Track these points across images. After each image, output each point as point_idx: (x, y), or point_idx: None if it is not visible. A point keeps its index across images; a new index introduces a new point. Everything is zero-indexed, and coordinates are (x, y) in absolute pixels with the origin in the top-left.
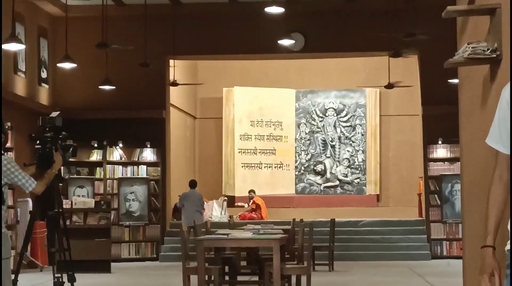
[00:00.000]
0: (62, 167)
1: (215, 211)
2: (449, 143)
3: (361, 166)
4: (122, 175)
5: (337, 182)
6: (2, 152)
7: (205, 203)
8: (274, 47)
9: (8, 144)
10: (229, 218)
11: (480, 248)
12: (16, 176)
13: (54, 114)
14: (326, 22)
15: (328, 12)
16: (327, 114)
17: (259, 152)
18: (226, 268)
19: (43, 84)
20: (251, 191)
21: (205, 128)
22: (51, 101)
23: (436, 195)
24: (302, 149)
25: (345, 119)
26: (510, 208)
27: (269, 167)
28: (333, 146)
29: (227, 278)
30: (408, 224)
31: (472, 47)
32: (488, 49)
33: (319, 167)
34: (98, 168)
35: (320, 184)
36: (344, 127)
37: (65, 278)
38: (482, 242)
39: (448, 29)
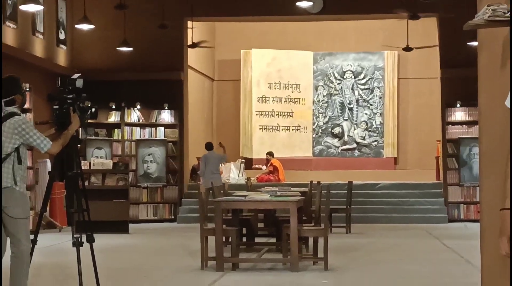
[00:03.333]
0: (80, 129)
1: (232, 173)
2: (468, 106)
3: (379, 129)
4: (140, 137)
5: (355, 145)
6: (19, 112)
7: (223, 165)
8: (292, 9)
9: (27, 105)
10: (246, 180)
11: (499, 211)
12: (31, 137)
13: (76, 75)
14: None
15: None
16: (345, 77)
17: (276, 115)
18: (244, 230)
19: (61, 46)
20: (269, 153)
21: (223, 90)
22: (69, 62)
23: (454, 159)
24: (319, 111)
25: (363, 81)
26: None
27: (287, 129)
28: (350, 109)
29: (244, 239)
30: (425, 187)
31: (492, 9)
32: (508, 11)
33: (337, 130)
34: (116, 130)
35: (338, 147)
36: (362, 89)
37: (84, 238)
38: (500, 205)
39: None
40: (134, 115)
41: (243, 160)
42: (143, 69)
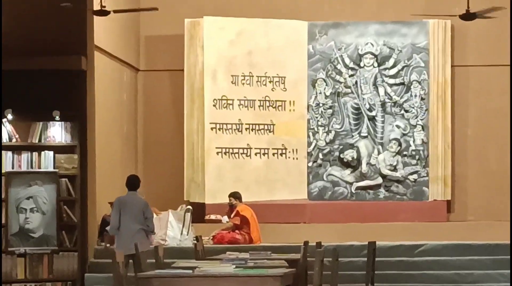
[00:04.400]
0: None
1: (171, 230)
2: None
3: (421, 152)
4: (13, 168)
5: (380, 180)
6: None
7: (154, 216)
8: None
9: None
10: (195, 241)
11: None
12: None
13: None
14: None
15: None
16: (362, 64)
17: (246, 129)
18: None
19: None
20: (233, 195)
21: (154, 88)
22: None
23: None
24: (319, 123)
25: (392, 72)
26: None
27: (264, 154)
28: (372, 119)
29: None
30: (499, 252)
31: None
32: None
33: (349, 155)
34: None
35: (351, 184)
36: (391, 85)
37: None
38: None
39: None
40: (3, 130)
41: (190, 207)
42: (20, 54)
